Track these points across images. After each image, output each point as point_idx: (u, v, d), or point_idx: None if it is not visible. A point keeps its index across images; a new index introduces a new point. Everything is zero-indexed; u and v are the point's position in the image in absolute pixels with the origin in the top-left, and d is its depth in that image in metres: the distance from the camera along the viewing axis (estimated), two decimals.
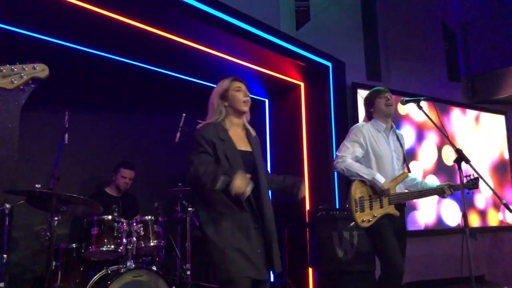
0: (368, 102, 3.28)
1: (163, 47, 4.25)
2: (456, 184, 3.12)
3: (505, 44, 6.76)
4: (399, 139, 3.29)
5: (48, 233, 3.29)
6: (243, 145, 2.46)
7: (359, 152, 3.12)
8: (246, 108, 2.50)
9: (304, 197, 5.11)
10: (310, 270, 4.91)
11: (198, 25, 4.01)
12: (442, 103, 6.23)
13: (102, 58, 4.29)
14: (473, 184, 3.19)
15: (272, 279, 5.48)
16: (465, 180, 3.07)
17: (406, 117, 5.79)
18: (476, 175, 3.00)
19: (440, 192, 3.15)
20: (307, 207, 5.11)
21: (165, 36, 4.06)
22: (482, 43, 6.82)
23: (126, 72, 4.65)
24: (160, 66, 4.72)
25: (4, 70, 1.61)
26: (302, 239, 4.87)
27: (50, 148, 3.70)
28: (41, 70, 1.65)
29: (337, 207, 4.86)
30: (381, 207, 3.01)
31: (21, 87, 1.63)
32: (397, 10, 6.09)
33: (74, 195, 3.35)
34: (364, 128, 3.18)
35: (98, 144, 4.77)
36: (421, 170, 5.83)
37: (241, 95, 2.50)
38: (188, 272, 3.81)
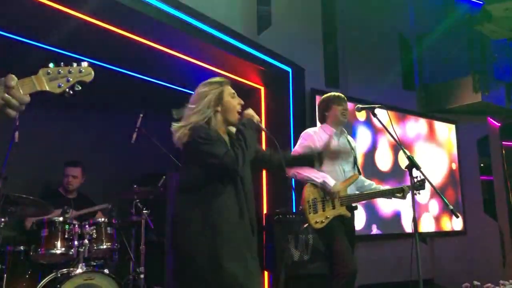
0: (325, 105, 3.35)
1: (121, 46, 4.16)
2: (404, 185, 3.24)
3: (457, 57, 7.06)
4: (349, 142, 3.37)
5: None
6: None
7: None
8: (237, 120, 2.31)
9: (262, 201, 5.19)
10: (266, 273, 4.93)
11: (158, 25, 3.96)
12: (397, 111, 6.44)
13: (57, 54, 4.16)
14: (420, 185, 3.28)
15: None
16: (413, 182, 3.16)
17: (364, 122, 5.93)
18: (422, 177, 3.10)
19: (388, 193, 3.26)
20: (264, 211, 5.13)
21: (123, 35, 3.98)
22: (436, 54, 7.09)
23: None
24: (117, 65, 4.63)
25: (51, 73, 1.47)
26: (258, 242, 4.87)
27: None
28: (87, 73, 1.53)
29: (294, 210, 4.91)
30: (333, 208, 3.08)
31: (67, 90, 1.50)
32: (357, 20, 6.25)
33: (23, 196, 3.23)
34: (314, 134, 3.27)
35: (50, 143, 4.62)
36: (377, 173, 5.98)
37: (236, 103, 2.33)
38: (142, 276, 3.74)
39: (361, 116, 5.92)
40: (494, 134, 7.85)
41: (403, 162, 6.26)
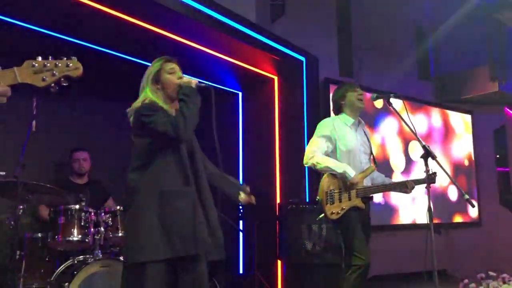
0: (340, 94, 3.31)
1: (133, 34, 4.17)
2: (419, 179, 3.20)
3: (473, 46, 6.95)
4: (366, 134, 3.35)
5: (12, 222, 3.21)
6: None
7: (328, 146, 3.16)
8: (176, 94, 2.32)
9: (275, 190, 5.20)
10: (279, 262, 4.96)
11: (172, 14, 3.96)
12: (412, 101, 6.37)
13: (75, 45, 4.18)
14: (431, 179, 3.16)
15: (241, 271, 5.51)
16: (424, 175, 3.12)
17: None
18: (434, 171, 3.06)
19: (402, 186, 3.23)
20: (278, 201, 5.14)
21: (137, 24, 3.99)
22: (452, 43, 6.99)
23: (99, 60, 4.55)
24: (134, 55, 4.64)
25: (37, 65, 1.44)
26: (272, 232, 4.90)
27: (16, 135, 3.60)
28: (74, 68, 1.50)
29: (307, 200, 4.92)
30: (349, 199, 3.07)
31: (52, 84, 1.47)
32: (371, 8, 6.17)
33: (40, 183, 3.28)
34: (332, 123, 3.23)
35: (66, 132, 4.67)
36: (389, 165, 5.95)
37: (175, 78, 2.34)
38: None
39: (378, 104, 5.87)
40: (511, 124, 7.73)
41: (414, 151, 6.23)
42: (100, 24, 3.96)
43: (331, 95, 3.46)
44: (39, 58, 1.47)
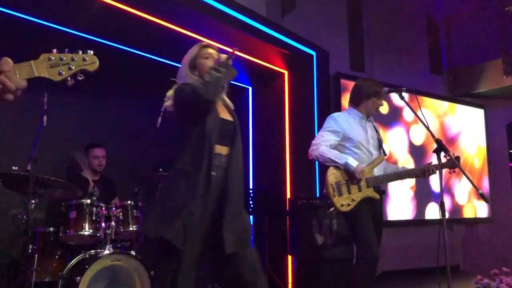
0: (366, 93, 3.24)
1: (147, 31, 4.18)
2: (443, 163, 3.08)
3: (486, 39, 6.85)
4: (375, 128, 3.33)
5: (24, 216, 3.23)
6: (224, 114, 2.36)
7: (333, 139, 3.15)
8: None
9: (285, 185, 5.19)
10: (290, 258, 4.95)
11: (183, 9, 3.96)
12: (424, 95, 6.30)
13: (84, 39, 4.20)
14: (453, 163, 3.05)
15: None
16: (445, 161, 3.07)
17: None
18: (455, 155, 3.01)
19: (420, 172, 3.16)
20: (288, 195, 5.13)
21: (149, 19, 3.99)
22: (465, 37, 6.89)
23: (109, 54, 4.55)
24: (144, 50, 4.65)
25: (53, 59, 1.43)
26: (282, 227, 4.89)
27: (27, 129, 3.62)
28: (91, 62, 1.48)
29: (318, 195, 4.90)
30: (360, 190, 3.04)
31: (68, 78, 1.45)
32: (382, 2, 6.10)
33: (52, 178, 3.30)
34: (340, 117, 3.22)
35: (77, 127, 4.69)
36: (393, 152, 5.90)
37: (211, 62, 2.33)
38: None
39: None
40: None
41: (416, 138, 6.15)
42: (113, 20, 3.97)
43: (357, 84, 3.36)
44: (55, 51, 1.45)
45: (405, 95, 3.03)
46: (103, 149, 4.32)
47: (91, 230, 3.49)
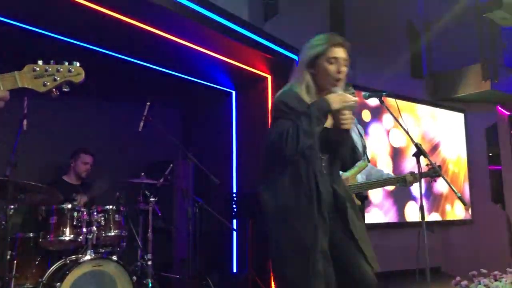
0: None
1: (128, 34, 4.16)
2: (424, 172, 3.15)
3: (465, 45, 6.98)
4: (359, 131, 3.36)
5: (3, 222, 3.18)
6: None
7: None
8: (334, 87, 2.01)
9: None
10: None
11: (165, 12, 3.94)
12: (405, 100, 6.39)
13: (63, 43, 4.16)
14: (435, 171, 3.14)
15: (235, 270, 5.51)
16: (427, 169, 3.12)
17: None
18: (437, 164, 3.07)
19: (401, 181, 3.20)
20: None
21: (130, 23, 3.97)
22: (445, 42, 7.02)
23: (88, 58, 4.53)
24: (125, 53, 4.62)
25: (38, 70, 1.41)
26: (266, 230, 4.89)
27: (6, 134, 3.57)
28: (76, 73, 1.46)
29: None
30: None
31: (53, 90, 1.44)
32: (364, 7, 6.18)
33: (32, 183, 3.26)
34: None
35: (57, 131, 4.65)
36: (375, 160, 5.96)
37: (334, 69, 2.02)
38: (150, 262, 3.78)
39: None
40: (503, 123, 7.79)
41: (396, 141, 6.23)
42: (95, 24, 3.93)
43: None
44: (40, 62, 1.44)
45: (387, 99, 3.07)
46: (92, 157, 4.30)
47: (72, 235, 3.45)
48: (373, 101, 5.66)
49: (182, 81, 5.21)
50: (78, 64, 1.49)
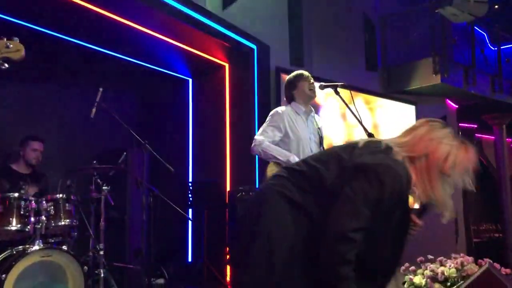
0: (291, 84, 3.34)
1: (80, 17, 4.02)
2: None
3: (418, 39, 7.19)
4: (317, 122, 3.40)
5: None
6: None
7: (277, 136, 3.19)
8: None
9: (225, 178, 5.19)
10: (228, 250, 4.97)
11: None
12: (360, 92, 6.52)
13: (11, 24, 3.96)
14: None
15: (190, 259, 5.49)
16: None
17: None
18: None
19: None
20: (228, 188, 5.14)
21: (83, 6, 3.83)
22: (399, 36, 7.19)
23: (39, 42, 4.34)
24: (77, 37, 4.47)
25: None
26: (221, 220, 4.90)
27: None
28: (15, 50, 1.38)
29: (257, 188, 4.94)
30: None
31: None
32: None
33: None
34: (284, 112, 3.26)
35: (4, 117, 4.44)
36: None
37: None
38: (102, 252, 3.69)
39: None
40: (451, 116, 8.09)
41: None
42: (48, 6, 3.77)
43: (282, 80, 3.47)
44: None
45: (341, 90, 3.12)
46: (41, 143, 4.12)
47: (19, 225, 3.32)
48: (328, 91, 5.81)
49: (137, 67, 5.10)
50: (17, 40, 1.40)
